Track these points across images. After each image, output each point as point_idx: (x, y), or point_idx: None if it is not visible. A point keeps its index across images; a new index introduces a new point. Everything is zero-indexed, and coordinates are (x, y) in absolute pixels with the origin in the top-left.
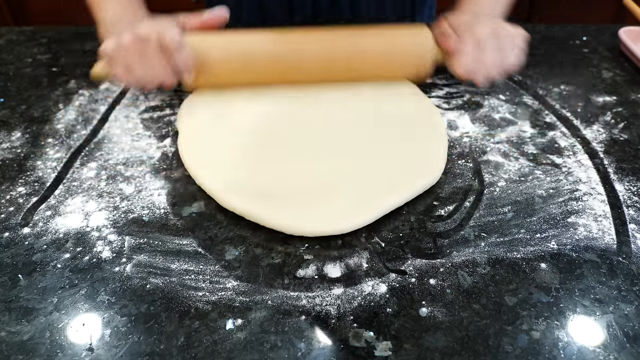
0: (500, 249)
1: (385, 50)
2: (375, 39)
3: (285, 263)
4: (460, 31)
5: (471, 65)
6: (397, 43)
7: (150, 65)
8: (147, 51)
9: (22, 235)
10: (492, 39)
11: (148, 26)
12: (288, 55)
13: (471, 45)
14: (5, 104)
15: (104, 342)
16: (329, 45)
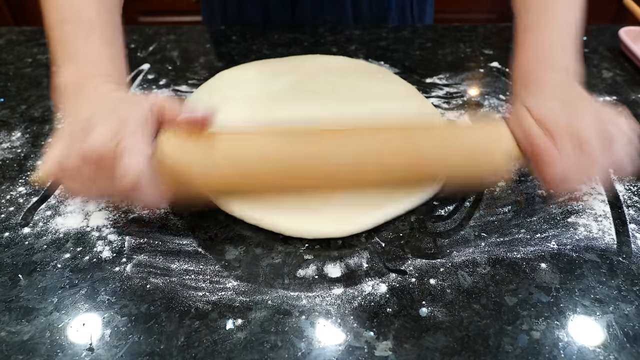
0: (500, 249)
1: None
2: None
3: (285, 263)
4: (552, 131)
5: (569, 176)
6: (466, 152)
7: (108, 189)
8: (101, 173)
9: (22, 235)
10: (599, 139)
11: (103, 135)
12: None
13: (574, 155)
14: (5, 104)
15: (104, 342)
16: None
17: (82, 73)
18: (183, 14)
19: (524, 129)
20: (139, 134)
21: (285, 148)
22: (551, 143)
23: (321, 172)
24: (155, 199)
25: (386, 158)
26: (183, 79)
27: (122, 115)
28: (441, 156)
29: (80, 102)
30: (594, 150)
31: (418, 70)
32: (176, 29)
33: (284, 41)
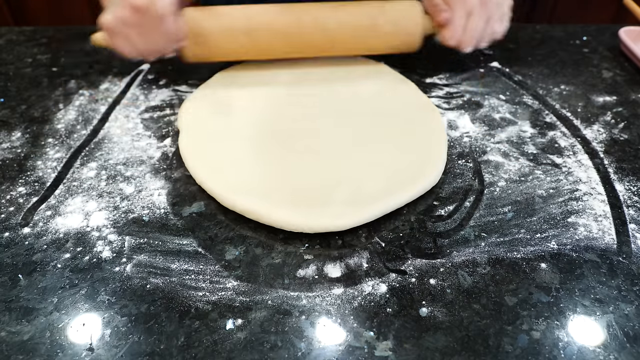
0: (500, 249)
1: (374, 21)
2: (365, 9)
3: (285, 263)
4: (450, 1)
5: (460, 35)
6: (386, 14)
7: (146, 34)
8: (141, 21)
9: (22, 235)
10: (481, 7)
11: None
12: (282, 25)
13: (461, 14)
14: (5, 104)
15: (104, 342)
16: (321, 15)
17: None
18: None
19: (431, 2)
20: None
21: (275, 16)
22: (449, 10)
23: (293, 29)
24: (177, 32)
25: (325, 25)
26: (183, 79)
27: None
28: (367, 23)
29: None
30: (476, 15)
31: (418, 70)
32: None
33: None
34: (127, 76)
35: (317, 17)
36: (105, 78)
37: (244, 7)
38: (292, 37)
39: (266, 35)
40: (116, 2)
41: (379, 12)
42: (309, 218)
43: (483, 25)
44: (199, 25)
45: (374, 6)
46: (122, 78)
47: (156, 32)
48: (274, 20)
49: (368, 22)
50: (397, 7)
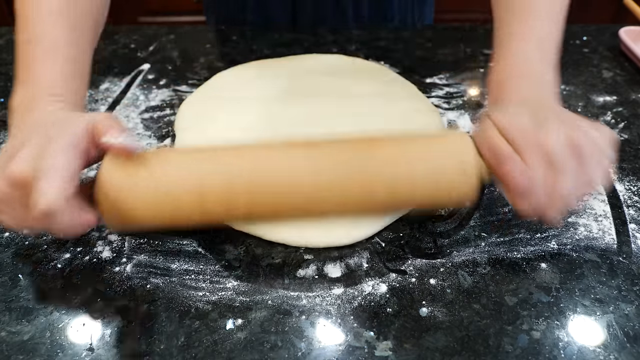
0: (500, 248)
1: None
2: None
3: (286, 263)
4: (517, 142)
5: (536, 190)
6: (429, 166)
7: (25, 220)
8: (19, 200)
9: (22, 235)
10: (570, 154)
11: (24, 157)
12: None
13: (540, 167)
14: (5, 104)
15: (104, 342)
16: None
17: (32, 93)
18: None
19: (489, 144)
20: (61, 154)
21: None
22: (518, 156)
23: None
24: (77, 226)
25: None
26: (183, 79)
27: (50, 136)
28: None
29: (21, 125)
30: (564, 163)
31: (418, 70)
32: (176, 29)
33: (284, 41)
34: (127, 76)
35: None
36: (105, 78)
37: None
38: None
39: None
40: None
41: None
42: (311, 237)
43: (574, 180)
44: (121, 196)
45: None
46: (122, 78)
47: (37, 223)
48: (244, 181)
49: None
50: (441, 152)
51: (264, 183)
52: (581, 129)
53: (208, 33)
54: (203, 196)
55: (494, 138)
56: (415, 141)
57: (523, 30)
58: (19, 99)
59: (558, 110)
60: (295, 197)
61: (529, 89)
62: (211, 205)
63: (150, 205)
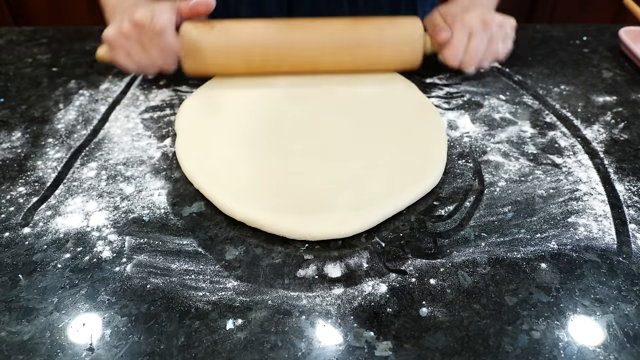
0: (500, 249)
1: (376, 39)
2: (367, 28)
3: (286, 263)
4: (450, 21)
5: (462, 55)
6: (388, 33)
7: (146, 49)
8: (141, 35)
9: (22, 235)
10: (482, 28)
11: (144, 11)
12: (282, 43)
13: (462, 35)
14: (5, 104)
15: (104, 342)
16: (323, 33)
17: None
18: None
19: (432, 22)
20: (167, 12)
21: (272, 34)
22: (449, 30)
23: (292, 49)
24: (174, 47)
25: (326, 43)
26: (183, 79)
27: (153, 5)
28: (369, 41)
29: (122, 5)
30: (476, 31)
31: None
32: None
33: None
34: (127, 76)
35: (317, 35)
36: (105, 78)
37: (242, 22)
38: (291, 56)
39: (264, 53)
40: (119, 16)
41: (380, 30)
42: (311, 227)
43: (485, 46)
44: (195, 40)
45: (375, 24)
46: (122, 78)
47: (155, 47)
48: (273, 38)
49: (369, 40)
50: (397, 25)
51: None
52: (493, 15)
53: None
54: (248, 49)
55: (435, 17)
56: (377, 20)
57: None
58: (112, 4)
59: (481, 5)
60: (302, 53)
61: (470, 2)
62: (254, 51)
63: (213, 46)
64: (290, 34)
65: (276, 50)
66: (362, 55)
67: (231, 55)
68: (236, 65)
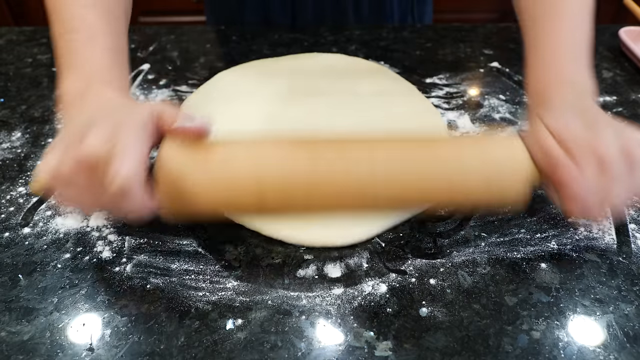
0: (500, 249)
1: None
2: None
3: (286, 263)
4: (570, 146)
5: (590, 199)
6: (484, 164)
7: (100, 198)
8: (94, 179)
9: (22, 235)
10: (623, 161)
11: (97, 139)
12: (316, 178)
13: (593, 173)
14: (5, 104)
15: (104, 342)
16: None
17: (83, 81)
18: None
19: (543, 148)
20: (133, 137)
21: (298, 163)
22: (573, 163)
23: (345, 190)
24: (144, 208)
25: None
26: (183, 79)
27: (118, 120)
28: (459, 180)
29: (79, 110)
30: (617, 171)
31: (418, 70)
32: (176, 29)
33: (284, 41)
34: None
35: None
36: None
37: (251, 144)
38: (332, 197)
39: (288, 193)
40: (62, 139)
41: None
42: (312, 235)
43: (625, 186)
44: (183, 180)
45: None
46: None
47: (114, 203)
48: (303, 171)
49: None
50: (496, 153)
51: (325, 180)
52: (631, 135)
53: (208, 33)
54: (261, 185)
55: (548, 141)
56: (468, 143)
57: (557, 31)
58: (67, 87)
59: (603, 116)
60: (355, 193)
61: (572, 95)
62: (270, 193)
63: (210, 187)
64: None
65: (310, 187)
66: (435, 196)
67: (238, 196)
68: (244, 208)
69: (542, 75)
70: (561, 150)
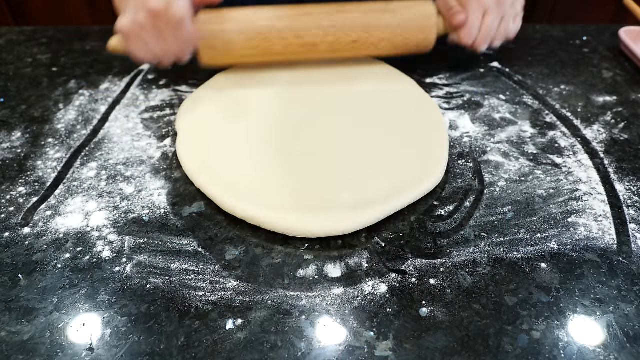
0: (500, 249)
1: (388, 22)
2: (377, 7)
3: (286, 263)
4: (464, 1)
5: (476, 35)
6: (400, 15)
7: (163, 38)
8: (158, 25)
9: (22, 235)
10: (496, 7)
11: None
12: (297, 25)
13: (477, 14)
14: (5, 104)
15: (104, 342)
16: (336, 16)
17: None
18: None
19: (445, 3)
20: (182, 0)
21: (288, 18)
22: (464, 11)
23: (304, 37)
24: (193, 37)
25: (339, 26)
26: (183, 79)
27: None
28: (382, 25)
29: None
30: (492, 15)
31: (418, 70)
32: None
33: None
34: (127, 76)
35: (331, 17)
36: (105, 78)
37: (257, 9)
38: (310, 38)
39: (282, 37)
40: (132, 5)
41: (391, 11)
42: (311, 224)
43: (497, 24)
44: (213, 29)
45: (387, 6)
46: (122, 78)
47: (172, 36)
48: (289, 21)
49: (382, 23)
50: (410, 7)
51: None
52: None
53: None
54: (266, 35)
55: (451, 1)
56: (389, 3)
57: None
58: None
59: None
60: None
61: None
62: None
63: (232, 34)
64: (305, 18)
65: (293, 33)
66: (374, 38)
67: (250, 42)
68: (256, 53)
69: None
70: (456, 3)
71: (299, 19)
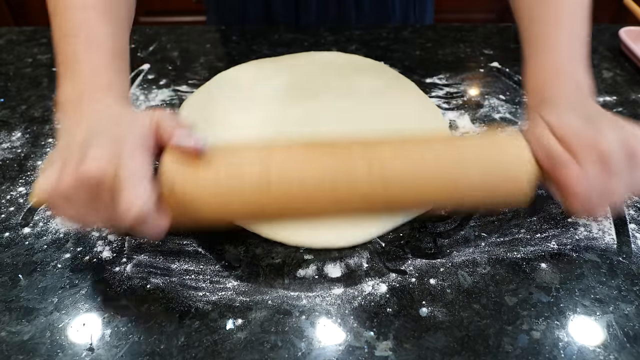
0: (500, 248)
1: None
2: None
3: (286, 263)
4: (571, 143)
5: (593, 197)
6: (486, 163)
7: (102, 214)
8: (99, 200)
9: (22, 235)
10: (623, 156)
11: (99, 158)
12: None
13: (594, 170)
14: (5, 104)
15: (105, 342)
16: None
17: (80, 88)
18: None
19: (544, 147)
20: (138, 156)
21: (304, 173)
22: (574, 161)
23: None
24: (160, 230)
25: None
26: (183, 79)
27: (118, 134)
28: (461, 178)
29: (77, 120)
30: (618, 166)
31: (418, 70)
32: (176, 29)
33: (284, 41)
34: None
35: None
36: None
37: (254, 150)
38: (337, 195)
39: (294, 193)
40: (59, 154)
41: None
42: (312, 237)
43: (626, 181)
44: (190, 194)
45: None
46: None
47: (118, 219)
48: (308, 170)
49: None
50: (497, 150)
51: (327, 186)
52: (632, 131)
53: (208, 33)
54: (267, 191)
55: (549, 139)
56: (468, 142)
57: (556, 30)
58: (66, 94)
59: (603, 112)
60: (354, 199)
61: (572, 93)
62: (271, 202)
63: (215, 195)
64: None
65: (314, 187)
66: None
67: (242, 205)
68: (248, 217)
69: (541, 72)
70: (562, 148)
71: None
